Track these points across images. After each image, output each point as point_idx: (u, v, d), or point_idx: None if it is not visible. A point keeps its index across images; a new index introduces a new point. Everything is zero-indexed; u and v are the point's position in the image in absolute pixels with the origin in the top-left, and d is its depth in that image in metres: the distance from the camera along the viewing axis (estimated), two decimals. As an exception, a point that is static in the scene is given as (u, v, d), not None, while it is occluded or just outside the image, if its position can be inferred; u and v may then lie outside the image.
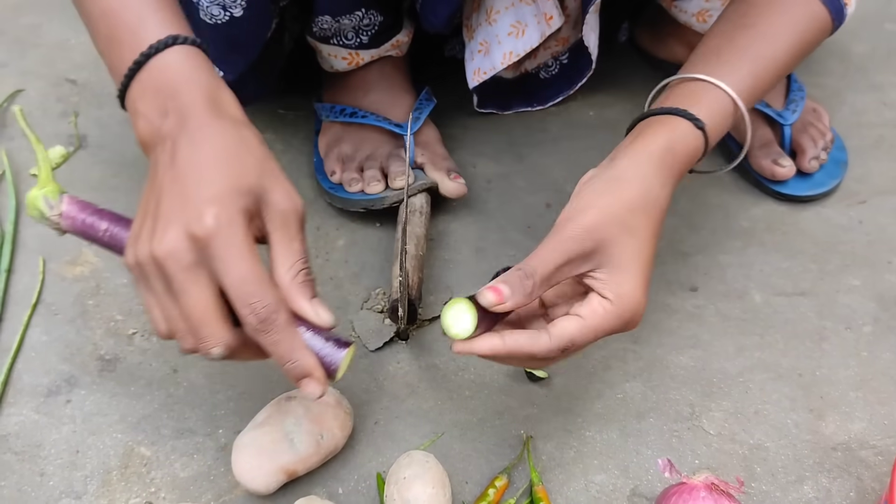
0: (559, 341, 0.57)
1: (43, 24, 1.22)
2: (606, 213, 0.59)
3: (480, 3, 0.86)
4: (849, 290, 0.86)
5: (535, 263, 0.58)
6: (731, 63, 0.69)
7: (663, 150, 0.64)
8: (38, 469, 0.72)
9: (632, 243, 0.59)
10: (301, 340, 0.56)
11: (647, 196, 0.61)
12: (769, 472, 0.72)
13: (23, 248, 0.90)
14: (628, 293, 0.58)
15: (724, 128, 0.69)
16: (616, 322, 0.59)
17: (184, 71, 0.58)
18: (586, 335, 0.58)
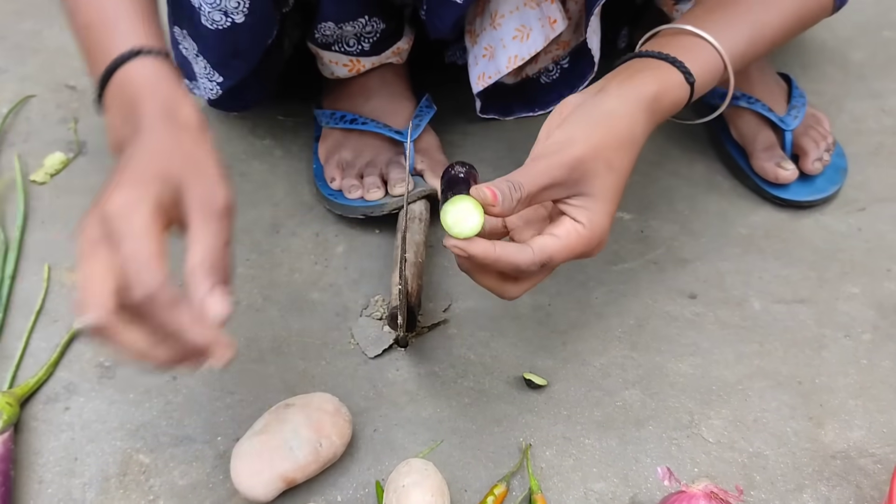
0: (541, 255, 0.60)
1: (43, 30, 1.22)
2: (597, 149, 0.62)
3: (484, 8, 0.86)
4: (848, 298, 0.86)
5: (523, 179, 0.60)
6: (728, 24, 0.71)
7: (653, 97, 0.66)
8: (37, 476, 0.72)
9: (611, 178, 0.62)
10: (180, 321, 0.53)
11: (632, 136, 0.64)
12: (768, 480, 0.72)
13: (22, 255, 0.90)
14: (599, 222, 0.62)
15: (709, 85, 0.71)
16: (585, 246, 0.62)
17: (144, 82, 0.61)
18: (562, 253, 0.61)
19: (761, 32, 0.72)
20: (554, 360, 0.81)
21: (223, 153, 1.00)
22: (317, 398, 0.72)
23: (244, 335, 0.83)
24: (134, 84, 0.61)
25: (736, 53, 0.71)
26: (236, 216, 0.59)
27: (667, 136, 1.05)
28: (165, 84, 0.62)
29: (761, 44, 0.73)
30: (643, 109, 0.65)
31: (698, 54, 0.69)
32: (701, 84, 0.69)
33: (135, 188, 0.55)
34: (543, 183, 0.60)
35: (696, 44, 0.70)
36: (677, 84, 0.68)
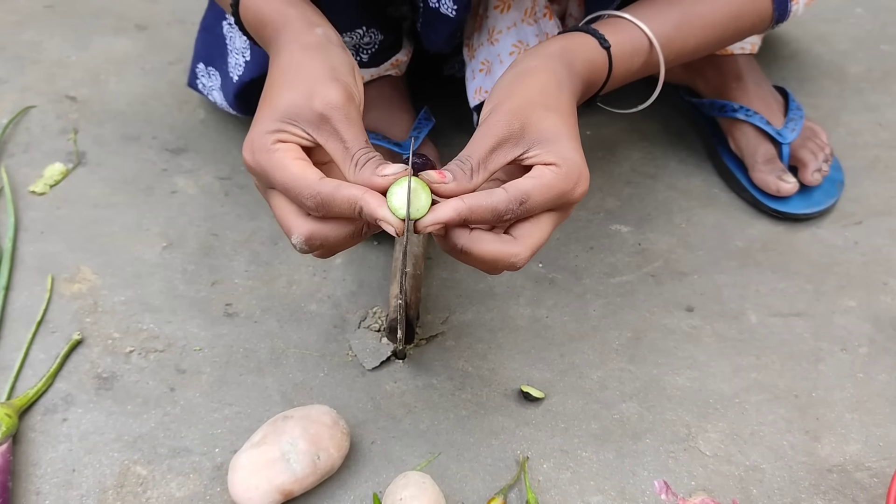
0: (516, 192, 0.57)
1: (43, 40, 1.22)
2: (523, 97, 0.62)
3: (482, 23, 0.86)
4: (844, 312, 0.87)
5: (469, 151, 0.60)
6: (658, 10, 0.73)
7: (561, 49, 0.67)
8: (34, 488, 0.72)
9: (555, 117, 0.61)
10: (356, 192, 0.56)
11: (557, 80, 0.64)
12: (765, 493, 0.72)
13: (20, 265, 0.90)
14: (570, 156, 0.60)
15: (632, 62, 0.72)
16: (565, 181, 0.59)
17: (260, 5, 0.67)
18: (540, 191, 0.58)
19: (691, 21, 0.74)
20: (551, 372, 0.81)
21: (223, 165, 1.02)
22: (315, 410, 0.72)
23: (242, 346, 0.83)
24: (251, 9, 0.68)
25: (663, 35, 0.72)
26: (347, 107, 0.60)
27: (664, 149, 1.05)
28: (278, 2, 0.66)
29: (692, 36, 0.74)
30: (555, 58, 0.66)
31: (618, 29, 0.71)
32: (621, 53, 0.70)
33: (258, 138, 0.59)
34: (488, 145, 0.59)
35: (618, 22, 0.72)
36: (590, 45, 0.69)
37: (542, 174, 0.59)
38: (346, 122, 0.59)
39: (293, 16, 0.65)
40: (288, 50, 0.63)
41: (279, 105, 0.60)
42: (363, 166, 0.58)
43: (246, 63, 0.90)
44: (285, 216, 0.60)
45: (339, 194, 0.56)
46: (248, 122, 1.06)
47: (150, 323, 0.85)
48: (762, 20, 0.78)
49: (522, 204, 0.58)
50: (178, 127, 1.08)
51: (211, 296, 0.88)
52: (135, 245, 0.93)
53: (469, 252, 0.59)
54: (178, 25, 1.26)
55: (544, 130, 0.60)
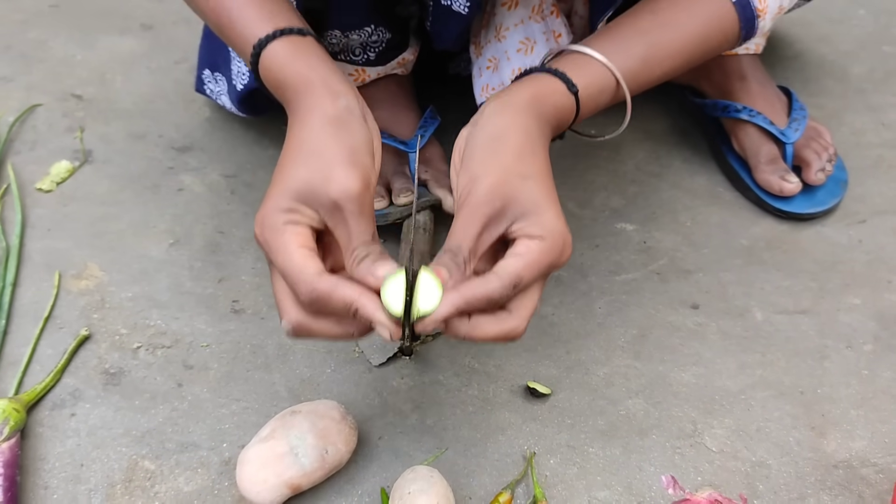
0: (508, 277, 0.58)
1: (49, 39, 1.23)
2: (500, 170, 0.61)
3: (489, 21, 0.87)
4: (849, 309, 0.87)
5: (458, 240, 0.60)
6: (621, 44, 0.72)
7: (530, 98, 0.66)
8: (42, 482, 0.72)
9: (532, 185, 0.61)
10: (353, 294, 0.57)
11: (529, 141, 0.63)
12: (771, 489, 0.73)
13: (28, 262, 0.90)
14: (552, 226, 0.60)
15: (599, 100, 0.71)
16: (551, 254, 0.60)
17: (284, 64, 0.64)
18: (529, 268, 0.59)
19: (657, 52, 0.73)
20: (557, 369, 0.82)
21: (229, 163, 1.02)
22: (323, 405, 0.73)
23: (249, 342, 0.83)
24: (276, 67, 0.65)
25: (629, 69, 0.71)
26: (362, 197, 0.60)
27: (668, 148, 1.06)
28: (302, 63, 0.64)
29: (659, 64, 0.73)
30: (524, 112, 0.65)
31: (584, 68, 0.70)
32: (588, 97, 0.69)
33: (268, 215, 0.59)
34: (475, 231, 0.60)
35: (584, 60, 0.70)
36: (559, 91, 0.68)
37: (529, 250, 0.59)
38: (358, 214, 0.59)
39: (316, 82, 0.63)
40: (308, 123, 0.62)
41: (294, 183, 0.59)
42: (361, 262, 0.58)
43: (249, 73, 0.90)
44: (282, 298, 0.60)
45: (335, 294, 0.57)
46: (255, 122, 1.07)
47: (158, 319, 0.85)
48: (728, 40, 0.76)
49: (516, 287, 0.59)
50: (184, 125, 1.08)
51: (218, 292, 0.88)
52: (142, 242, 0.93)
53: (472, 337, 0.60)
54: (184, 25, 1.26)
55: (524, 202, 0.60)
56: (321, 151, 0.60)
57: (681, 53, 0.74)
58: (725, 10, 0.74)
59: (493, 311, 0.60)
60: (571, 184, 1.00)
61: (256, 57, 0.65)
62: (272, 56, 0.65)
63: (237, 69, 0.92)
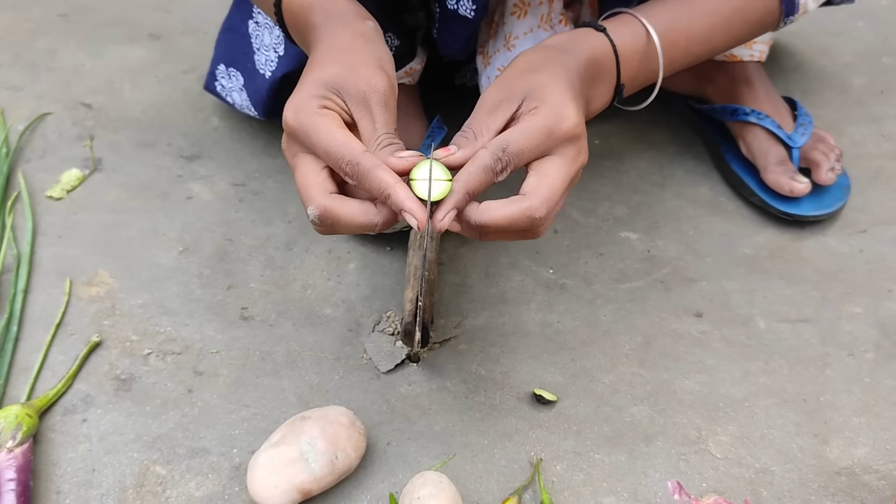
0: (496, 141, 0.61)
1: (58, 48, 1.24)
2: (515, 68, 0.67)
3: (498, 30, 0.88)
4: (851, 318, 0.88)
5: (468, 122, 0.64)
6: (661, 6, 0.76)
7: (562, 40, 0.71)
8: (55, 487, 0.73)
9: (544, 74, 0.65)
10: (389, 179, 0.59)
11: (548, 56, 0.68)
12: (775, 496, 0.73)
13: (39, 269, 0.91)
14: (550, 98, 0.63)
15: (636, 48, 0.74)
16: (545, 118, 0.62)
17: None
18: (521, 132, 0.61)
19: (699, 16, 0.77)
20: (563, 376, 0.82)
21: (237, 171, 1.03)
22: (332, 411, 0.74)
23: (259, 349, 0.84)
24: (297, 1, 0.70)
25: (664, 29, 0.75)
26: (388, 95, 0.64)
27: (671, 158, 1.07)
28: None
29: (698, 26, 0.77)
30: (553, 48, 0.69)
31: (621, 24, 0.74)
32: (620, 36, 0.73)
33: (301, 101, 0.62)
34: (484, 110, 0.64)
35: (621, 18, 0.75)
36: (586, 31, 0.72)
37: (524, 119, 0.62)
38: (383, 106, 0.63)
39: (344, 6, 0.68)
40: (340, 33, 0.66)
41: (325, 76, 0.63)
42: (385, 147, 0.62)
43: (279, 58, 0.92)
44: (308, 186, 0.62)
45: (374, 173, 0.59)
46: (262, 127, 1.08)
47: (168, 326, 0.86)
48: (770, 13, 0.80)
49: (505, 150, 0.60)
50: (193, 134, 1.09)
51: (227, 300, 0.89)
52: (151, 249, 0.94)
53: (486, 224, 0.61)
54: (192, 35, 1.28)
55: (535, 84, 0.64)
56: (352, 54, 0.64)
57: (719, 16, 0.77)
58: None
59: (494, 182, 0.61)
60: (576, 193, 1.01)
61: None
62: None
63: (265, 58, 0.94)
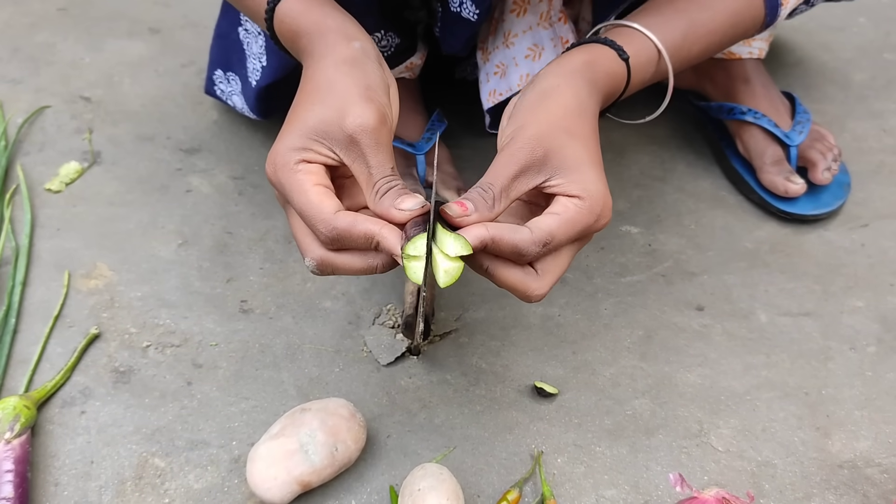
0: (540, 234, 0.57)
1: (57, 42, 1.24)
2: (546, 123, 0.61)
3: (497, 27, 0.88)
4: (852, 312, 0.88)
5: (490, 178, 0.59)
6: (666, 19, 0.74)
7: (584, 64, 0.66)
8: (53, 479, 0.73)
9: (577, 144, 0.60)
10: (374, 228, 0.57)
11: (579, 102, 0.63)
12: (777, 488, 0.73)
13: (37, 261, 0.91)
14: (592, 186, 0.59)
15: (646, 73, 0.72)
16: (589, 215, 0.59)
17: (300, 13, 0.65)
18: (564, 229, 0.58)
19: (696, 30, 0.75)
20: (564, 369, 0.82)
21: (237, 164, 1.03)
22: (332, 403, 0.73)
23: (258, 342, 0.84)
24: (287, 22, 0.66)
25: (671, 44, 0.73)
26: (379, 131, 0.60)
27: (672, 153, 1.07)
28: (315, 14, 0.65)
29: (696, 40, 0.75)
30: (577, 75, 0.65)
31: (631, 39, 0.71)
32: (637, 65, 0.70)
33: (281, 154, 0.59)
34: (510, 173, 0.58)
35: (630, 33, 0.72)
36: (610, 57, 0.68)
37: (566, 209, 0.58)
38: (375, 147, 0.58)
39: (331, 28, 0.64)
40: (322, 64, 0.62)
41: (308, 121, 0.59)
42: (384, 195, 0.58)
43: (262, 68, 0.91)
44: (301, 237, 0.60)
45: (355, 229, 0.56)
46: (263, 123, 1.08)
47: (167, 318, 0.86)
48: (755, 25, 0.79)
49: (546, 246, 0.57)
50: (192, 127, 1.09)
51: (226, 292, 0.88)
52: (150, 242, 0.93)
53: (492, 274, 0.59)
54: (191, 29, 1.27)
55: (567, 158, 0.59)
56: (335, 89, 0.60)
57: (715, 33, 0.76)
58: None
59: (519, 265, 0.59)
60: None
61: (271, 12, 0.66)
62: (287, 9, 0.66)
63: (252, 66, 0.93)
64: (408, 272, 0.56)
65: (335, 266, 0.59)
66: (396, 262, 0.58)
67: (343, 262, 0.59)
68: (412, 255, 0.56)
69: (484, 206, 0.58)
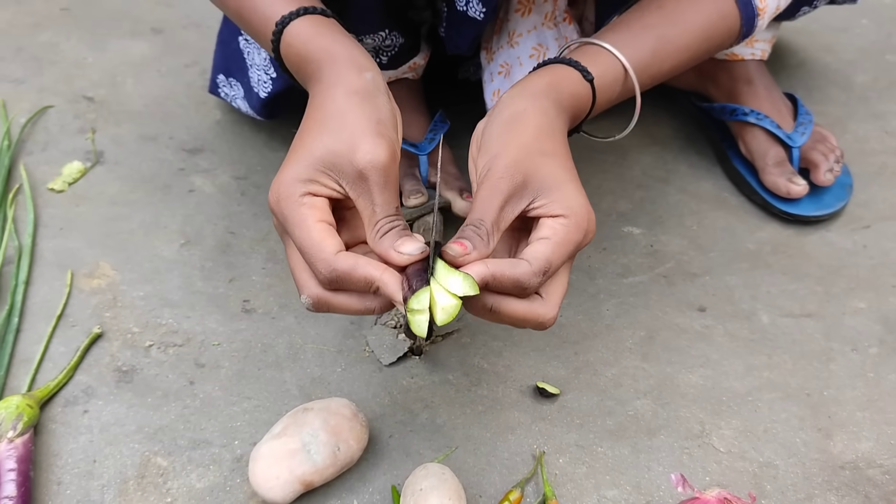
0: (538, 264, 0.57)
1: (61, 42, 1.24)
2: (520, 147, 0.60)
3: (502, 27, 0.88)
4: (854, 313, 0.88)
5: (479, 214, 0.58)
6: (632, 37, 0.73)
7: (548, 86, 0.66)
8: (56, 478, 0.73)
9: (553, 163, 0.61)
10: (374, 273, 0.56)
11: (548, 122, 0.63)
12: (779, 489, 0.73)
13: (40, 261, 0.91)
14: (574, 202, 0.59)
15: (612, 91, 0.71)
16: (577, 232, 0.59)
17: (308, 40, 0.64)
18: (558, 251, 0.58)
19: (665, 46, 0.74)
20: (566, 369, 0.82)
21: (239, 165, 1.03)
22: (334, 403, 0.73)
23: (260, 342, 0.84)
24: (297, 45, 0.65)
25: (639, 62, 0.72)
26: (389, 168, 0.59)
27: (675, 154, 1.07)
28: (325, 40, 0.64)
29: (667, 58, 0.75)
30: (542, 97, 0.65)
31: (597, 59, 0.70)
32: (602, 84, 0.70)
33: (286, 186, 0.58)
34: (497, 205, 0.58)
35: (597, 52, 0.71)
36: (574, 78, 0.68)
37: (555, 232, 0.58)
38: (384, 185, 0.58)
39: (341, 56, 0.62)
40: (332, 94, 0.61)
41: (316, 151, 0.58)
42: (384, 235, 0.58)
43: (272, 79, 0.91)
44: (299, 272, 0.59)
45: (356, 273, 0.56)
46: (266, 124, 1.08)
47: (169, 318, 0.86)
48: (731, 36, 0.78)
49: (545, 274, 0.57)
50: (195, 128, 1.09)
51: (229, 292, 0.89)
52: (153, 242, 0.94)
53: (498, 311, 0.58)
54: (194, 29, 1.27)
55: (546, 178, 0.60)
56: (347, 121, 0.59)
57: (687, 49, 0.75)
58: (728, 8, 0.76)
59: (522, 297, 0.58)
60: (579, 188, 1.01)
61: (279, 35, 0.65)
62: (295, 33, 0.64)
63: (257, 77, 0.92)
64: (413, 326, 0.56)
65: (331, 306, 0.59)
66: (394, 305, 0.58)
67: (340, 302, 0.58)
68: (416, 309, 0.55)
69: (481, 244, 0.57)
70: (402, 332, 0.84)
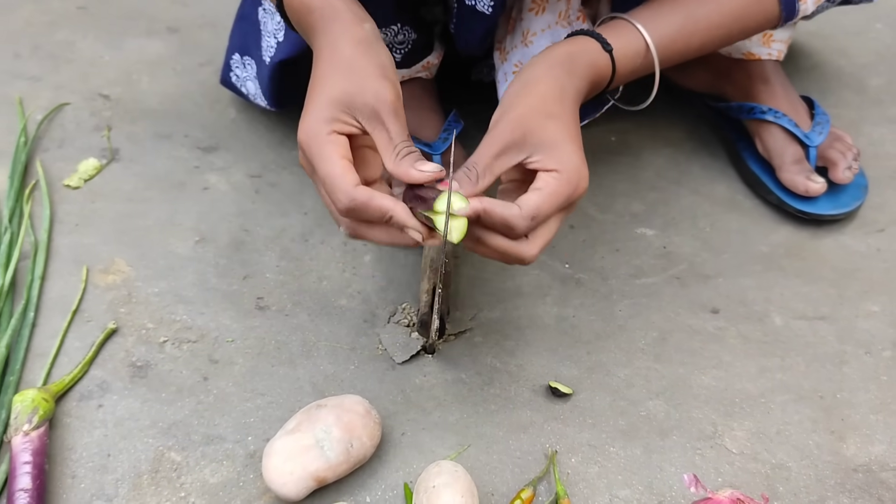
0: (528, 209, 0.64)
1: (77, 40, 1.25)
2: (527, 106, 0.67)
3: (515, 26, 0.88)
4: (868, 316, 0.88)
5: (475, 158, 0.66)
6: (661, 14, 0.78)
7: (566, 55, 0.73)
8: (70, 472, 0.73)
9: (555, 124, 0.67)
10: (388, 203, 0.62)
11: (558, 88, 0.70)
12: (791, 491, 0.73)
13: (56, 256, 0.92)
14: (567, 159, 0.66)
15: (634, 63, 0.77)
16: (567, 186, 0.65)
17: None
18: (549, 202, 0.64)
19: (694, 24, 0.78)
20: (579, 369, 0.82)
21: (254, 163, 1.03)
22: (348, 400, 0.73)
23: (274, 339, 0.84)
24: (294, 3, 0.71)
25: (662, 37, 0.77)
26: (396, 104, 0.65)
27: (687, 155, 1.07)
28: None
29: (695, 33, 0.79)
30: (558, 66, 0.71)
31: (621, 32, 0.76)
32: (623, 56, 0.75)
33: (309, 124, 0.64)
34: (492, 152, 0.65)
35: (623, 25, 0.77)
36: (593, 48, 0.74)
37: (547, 184, 0.65)
38: (394, 116, 0.64)
39: (342, 9, 0.68)
40: (339, 43, 0.67)
41: (335, 94, 0.64)
42: (404, 157, 0.64)
43: (279, 44, 0.93)
44: (333, 208, 0.65)
45: (372, 203, 0.62)
46: (278, 120, 1.08)
47: (184, 314, 0.86)
48: (768, 20, 0.81)
49: (534, 219, 0.64)
50: (210, 126, 1.10)
51: (243, 289, 0.89)
52: (168, 239, 0.94)
53: (484, 242, 0.66)
54: (209, 28, 1.28)
55: (545, 137, 0.66)
56: (355, 67, 0.65)
57: (718, 27, 0.79)
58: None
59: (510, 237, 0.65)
60: (592, 189, 1.01)
61: None
62: None
63: (267, 43, 0.94)
64: (437, 225, 0.63)
65: (365, 235, 0.66)
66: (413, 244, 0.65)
67: (371, 232, 0.65)
68: (439, 211, 0.64)
69: (467, 183, 0.65)
70: (416, 330, 0.84)
